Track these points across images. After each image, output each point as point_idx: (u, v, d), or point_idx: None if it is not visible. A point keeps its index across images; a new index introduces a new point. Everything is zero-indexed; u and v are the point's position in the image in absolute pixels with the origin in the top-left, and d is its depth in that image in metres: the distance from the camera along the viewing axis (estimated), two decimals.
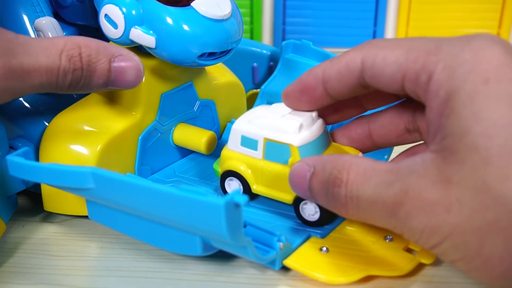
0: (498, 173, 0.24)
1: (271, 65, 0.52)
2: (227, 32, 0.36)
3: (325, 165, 0.30)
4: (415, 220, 0.26)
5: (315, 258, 0.32)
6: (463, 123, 0.25)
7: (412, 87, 0.29)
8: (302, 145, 0.34)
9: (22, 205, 0.40)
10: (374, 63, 0.30)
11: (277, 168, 0.35)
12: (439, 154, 0.26)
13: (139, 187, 0.28)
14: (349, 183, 0.28)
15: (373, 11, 0.73)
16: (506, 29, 0.72)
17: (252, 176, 0.36)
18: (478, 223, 0.25)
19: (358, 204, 0.28)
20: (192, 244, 0.30)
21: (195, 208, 0.26)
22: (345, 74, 0.32)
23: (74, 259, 0.35)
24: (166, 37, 0.35)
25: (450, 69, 0.26)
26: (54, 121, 0.37)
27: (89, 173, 0.29)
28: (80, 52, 0.32)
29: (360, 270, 0.32)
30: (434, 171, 0.26)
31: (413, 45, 0.29)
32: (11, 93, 0.31)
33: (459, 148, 0.25)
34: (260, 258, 0.30)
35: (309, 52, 0.48)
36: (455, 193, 0.25)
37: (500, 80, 0.25)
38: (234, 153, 0.36)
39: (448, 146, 0.26)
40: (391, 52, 0.29)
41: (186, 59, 0.36)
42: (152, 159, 0.40)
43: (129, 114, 0.38)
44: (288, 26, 0.75)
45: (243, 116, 0.37)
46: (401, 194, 0.26)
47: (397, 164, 0.28)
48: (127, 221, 0.32)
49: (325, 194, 0.30)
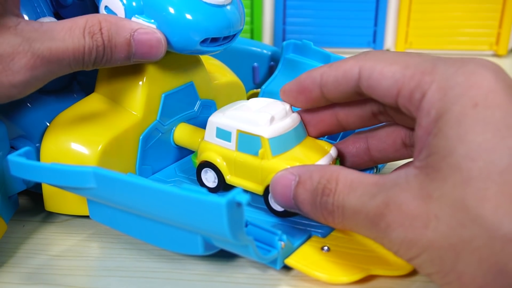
0: (477, 194, 0.25)
1: (271, 65, 0.52)
2: (228, 18, 0.36)
3: (312, 174, 0.31)
4: (394, 232, 0.27)
5: (316, 257, 0.32)
6: (448, 143, 0.26)
7: (405, 103, 0.29)
8: (273, 137, 0.35)
9: (23, 205, 0.40)
10: (371, 74, 0.31)
11: (249, 159, 0.36)
12: (423, 170, 0.27)
13: (140, 186, 0.28)
14: (336, 193, 0.30)
15: (374, 11, 0.73)
16: (506, 29, 0.72)
17: (226, 167, 0.37)
18: (454, 240, 0.25)
19: (343, 213, 0.29)
20: (193, 244, 0.30)
21: (197, 207, 0.26)
22: (342, 81, 0.33)
23: (75, 259, 0.35)
24: (167, 24, 0.35)
25: (442, 91, 0.27)
26: (55, 121, 0.37)
27: (90, 172, 0.29)
28: (101, 28, 0.33)
29: (361, 269, 0.32)
30: (416, 186, 0.27)
31: (410, 63, 0.29)
32: (44, 79, 0.33)
33: (442, 167, 0.26)
34: (261, 257, 0.30)
35: (310, 52, 0.48)
36: (434, 209, 0.26)
37: (488, 105, 0.26)
38: (210, 144, 0.37)
39: (432, 163, 0.26)
40: (389, 66, 0.30)
41: (189, 46, 0.36)
42: (153, 159, 0.40)
43: (130, 114, 0.38)
44: (289, 26, 0.75)
45: (220, 109, 0.38)
46: (383, 205, 0.27)
47: (383, 177, 0.29)
48: (128, 221, 0.32)
49: (311, 202, 0.31)
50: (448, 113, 0.26)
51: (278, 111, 0.36)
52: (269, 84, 0.48)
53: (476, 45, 0.75)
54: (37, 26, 0.32)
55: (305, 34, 0.75)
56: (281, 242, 0.31)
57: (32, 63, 0.31)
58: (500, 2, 0.72)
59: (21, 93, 0.32)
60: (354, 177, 0.30)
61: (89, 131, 0.36)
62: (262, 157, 0.35)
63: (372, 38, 0.74)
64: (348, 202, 0.29)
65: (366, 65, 0.31)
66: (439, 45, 0.75)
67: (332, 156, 0.36)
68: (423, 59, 0.30)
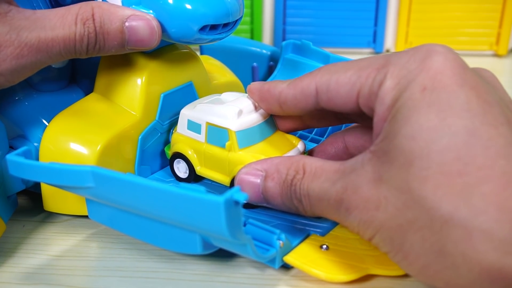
0: (419, 175, 0.25)
1: (271, 65, 0.52)
2: (226, 4, 0.36)
3: (278, 167, 0.32)
4: (351, 215, 0.28)
5: (315, 255, 0.32)
6: (395, 126, 0.27)
7: (365, 102, 0.30)
8: (240, 130, 0.36)
9: (22, 205, 0.40)
10: (328, 87, 0.31)
11: (217, 151, 0.37)
12: (375, 154, 0.28)
13: (139, 185, 0.28)
14: (302, 181, 0.31)
15: (374, 11, 0.73)
16: (507, 29, 0.72)
17: (196, 158, 0.38)
18: (401, 221, 0.26)
19: (309, 201, 0.31)
20: (192, 243, 0.30)
21: (195, 206, 0.26)
22: (301, 99, 0.33)
23: (74, 259, 0.35)
24: (165, 13, 0.35)
25: (396, 79, 0.28)
26: (54, 121, 0.37)
27: (89, 172, 0.29)
28: (93, 13, 0.33)
29: (360, 268, 0.32)
30: (370, 169, 0.28)
31: (364, 64, 0.30)
32: (32, 68, 0.33)
33: (390, 149, 0.27)
34: (260, 256, 0.30)
35: (309, 52, 0.48)
36: (383, 192, 0.27)
37: (434, 88, 0.26)
38: (182, 136, 0.39)
39: (383, 147, 0.27)
40: (344, 74, 0.31)
41: (188, 34, 0.36)
42: (152, 159, 0.40)
43: (129, 113, 0.38)
44: (289, 26, 0.75)
45: (193, 102, 0.39)
46: (341, 190, 0.29)
47: (343, 164, 0.30)
48: (127, 221, 0.32)
49: (281, 194, 0.32)
50: (400, 100, 0.27)
51: (247, 105, 0.37)
52: None
53: (476, 45, 0.75)
54: (28, 14, 0.32)
55: (305, 34, 0.75)
56: (279, 241, 0.31)
57: (19, 52, 0.31)
58: (500, 2, 0.71)
59: (8, 81, 0.32)
60: (318, 165, 0.31)
61: (88, 131, 0.36)
62: (229, 150, 0.36)
63: (372, 38, 0.74)
64: (312, 189, 0.30)
65: (322, 79, 0.32)
66: None
67: (299, 150, 0.37)
68: (376, 58, 0.30)
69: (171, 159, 0.39)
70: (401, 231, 0.26)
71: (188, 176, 0.39)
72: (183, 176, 0.39)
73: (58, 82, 0.40)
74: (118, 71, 0.38)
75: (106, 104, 0.38)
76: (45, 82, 0.40)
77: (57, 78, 0.40)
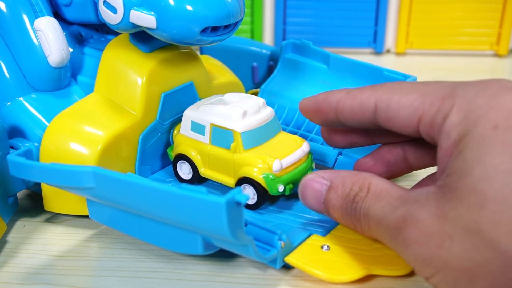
0: (491, 218, 0.24)
1: (270, 64, 0.52)
2: (228, 6, 0.36)
3: (344, 180, 0.31)
4: (409, 248, 0.27)
5: (316, 255, 0.32)
6: (466, 165, 0.26)
7: (427, 130, 0.29)
8: (245, 131, 0.36)
9: (22, 205, 0.40)
10: (388, 106, 0.30)
11: (222, 152, 0.37)
12: (441, 189, 0.27)
13: (140, 186, 0.28)
14: (365, 200, 0.30)
15: (374, 11, 0.73)
16: (507, 29, 0.72)
17: (200, 160, 0.38)
18: (468, 263, 0.25)
19: (368, 222, 0.30)
20: (193, 243, 0.30)
21: (196, 206, 0.26)
22: (358, 112, 0.32)
23: (75, 259, 0.35)
24: (167, 14, 0.34)
25: (463, 113, 0.27)
26: (55, 121, 0.37)
27: (90, 172, 0.29)
28: None
29: (361, 269, 0.32)
30: (433, 204, 0.27)
31: (428, 90, 0.29)
32: None
33: (459, 187, 0.26)
34: (261, 256, 0.30)
35: (309, 52, 0.48)
36: (448, 230, 0.26)
37: (508, 127, 0.25)
38: (185, 138, 0.38)
39: (449, 183, 0.26)
40: (406, 96, 0.30)
41: (189, 36, 0.35)
42: (153, 159, 0.40)
43: (129, 113, 0.38)
44: (289, 26, 0.75)
45: (196, 103, 0.39)
46: (402, 219, 0.27)
47: (408, 192, 0.29)
48: (128, 221, 0.32)
49: (342, 208, 0.31)
50: (468, 136, 0.26)
51: (251, 106, 0.37)
52: (268, 84, 0.48)
53: (477, 45, 0.75)
54: None
55: (306, 34, 0.74)
56: (280, 242, 0.31)
57: None
58: (500, 2, 0.71)
59: None
60: (383, 186, 0.30)
61: (88, 131, 0.36)
62: (234, 151, 0.36)
63: (373, 38, 0.74)
64: (372, 211, 0.29)
65: (383, 97, 0.31)
66: (439, 45, 0.75)
67: (304, 151, 0.37)
68: (441, 85, 0.29)
69: (174, 160, 0.39)
70: (469, 274, 0.25)
71: (191, 178, 0.39)
72: (187, 178, 0.39)
73: (58, 82, 0.40)
74: (119, 70, 0.38)
75: (106, 104, 0.38)
76: (45, 82, 0.40)
77: (57, 78, 0.40)
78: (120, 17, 0.35)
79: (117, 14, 0.35)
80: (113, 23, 0.36)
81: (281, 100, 0.47)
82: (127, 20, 0.35)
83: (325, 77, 0.46)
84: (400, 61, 0.73)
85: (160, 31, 0.35)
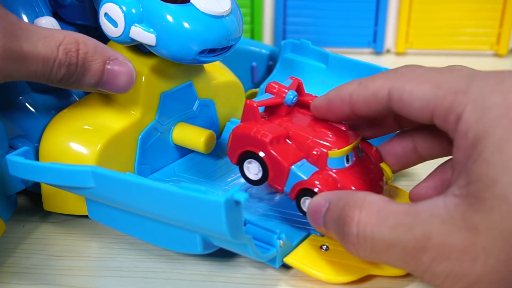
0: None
1: (270, 64, 0.52)
2: (227, 29, 0.36)
3: (339, 201, 0.29)
4: (439, 266, 0.26)
5: (315, 256, 0.32)
6: (491, 171, 0.24)
7: (441, 124, 0.28)
8: None
9: (21, 204, 0.40)
10: (401, 96, 0.29)
11: None
12: (464, 200, 0.25)
13: (139, 185, 0.28)
14: (361, 222, 0.27)
15: (374, 11, 0.73)
16: (507, 29, 0.72)
17: None
18: (505, 274, 0.25)
19: (372, 246, 0.27)
20: (192, 243, 0.30)
21: (196, 206, 0.26)
22: (372, 101, 0.31)
23: (74, 259, 0.35)
24: (166, 34, 0.35)
25: (479, 112, 0.26)
26: (54, 121, 0.37)
27: (89, 172, 0.29)
28: (78, 48, 0.33)
29: (359, 269, 0.31)
30: (459, 217, 0.25)
31: (442, 81, 0.28)
32: (6, 75, 0.32)
33: (487, 196, 0.24)
34: (260, 256, 0.30)
35: (308, 51, 0.48)
36: (481, 242, 0.25)
37: None
38: None
39: (475, 193, 0.25)
40: (419, 85, 0.29)
41: (187, 56, 0.36)
42: (152, 159, 0.40)
43: (128, 113, 0.38)
44: (289, 26, 0.75)
45: None
46: (424, 239, 0.26)
47: (414, 206, 0.27)
48: (127, 220, 0.32)
49: (336, 232, 0.29)
50: (488, 137, 0.25)
51: None
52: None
53: (477, 45, 0.75)
54: (14, 20, 0.32)
55: (305, 34, 0.74)
56: (279, 241, 0.31)
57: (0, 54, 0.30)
58: (500, 1, 0.71)
59: None
60: (381, 204, 0.27)
61: (87, 131, 0.36)
62: None
63: (373, 38, 0.74)
64: (379, 234, 0.27)
65: (396, 86, 0.30)
66: (439, 45, 0.75)
67: None
68: (455, 75, 0.28)
69: None
70: (505, 286, 0.25)
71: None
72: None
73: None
74: None
75: (105, 104, 0.38)
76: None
77: None
78: (120, 31, 0.35)
79: (118, 28, 0.35)
80: (113, 36, 0.36)
81: None
82: (127, 35, 0.35)
83: (324, 76, 0.47)
84: (400, 61, 0.73)
85: (159, 48, 0.35)
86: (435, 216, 0.26)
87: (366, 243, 0.27)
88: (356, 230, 0.27)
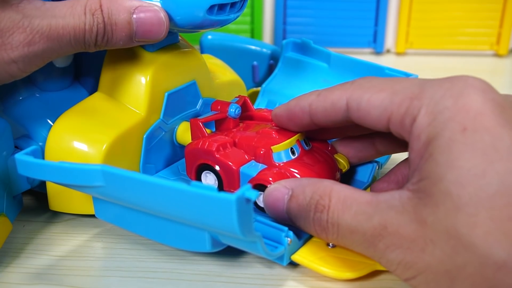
0: (468, 221, 0.25)
1: (271, 63, 0.53)
2: None
3: (305, 189, 0.31)
4: (393, 253, 0.28)
5: (322, 253, 0.32)
6: (439, 169, 0.26)
7: (396, 129, 0.29)
8: None
9: (26, 204, 0.40)
10: (359, 105, 0.31)
11: None
12: (416, 194, 0.27)
13: (149, 183, 0.28)
14: (330, 209, 0.30)
15: (374, 11, 0.73)
16: (507, 29, 0.73)
17: None
18: (449, 266, 0.26)
19: (338, 231, 0.30)
20: (201, 241, 0.30)
21: (207, 203, 0.26)
22: (331, 112, 0.33)
23: (75, 259, 0.34)
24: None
25: (431, 115, 0.27)
26: (59, 120, 0.37)
27: (99, 170, 0.29)
28: (101, 4, 0.33)
29: (366, 265, 0.32)
30: (411, 209, 0.27)
31: (397, 88, 0.29)
32: (43, 57, 0.33)
33: (434, 192, 0.26)
34: (269, 253, 0.30)
35: (310, 51, 0.48)
36: (429, 234, 0.26)
37: (476, 129, 0.26)
38: None
39: (424, 188, 0.27)
40: (376, 94, 0.30)
41: (196, 17, 0.35)
42: (156, 158, 0.40)
43: (133, 112, 0.38)
44: (289, 26, 0.75)
45: None
46: (380, 227, 0.28)
47: (376, 196, 0.29)
48: (135, 219, 0.32)
49: (304, 217, 0.31)
50: (437, 139, 0.27)
51: None
52: (269, 83, 0.49)
53: (477, 45, 0.75)
54: (39, 4, 0.32)
55: (306, 34, 0.75)
56: (287, 238, 0.31)
57: (31, 39, 0.32)
58: (500, 1, 0.72)
59: (20, 69, 0.33)
60: (347, 193, 0.30)
61: (93, 130, 0.36)
62: None
63: (373, 38, 0.75)
64: (344, 220, 0.29)
65: (354, 96, 0.31)
66: (439, 45, 0.75)
67: None
68: (410, 83, 0.29)
69: None
70: (449, 277, 0.26)
71: None
72: None
73: (62, 81, 0.40)
74: (123, 70, 0.38)
75: (110, 103, 0.38)
76: (49, 81, 0.40)
77: (61, 77, 0.40)
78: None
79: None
80: None
81: (282, 99, 0.47)
82: None
83: (326, 75, 0.47)
84: (400, 61, 0.73)
85: None
86: (392, 207, 0.28)
87: (333, 228, 0.30)
88: (326, 216, 0.30)
